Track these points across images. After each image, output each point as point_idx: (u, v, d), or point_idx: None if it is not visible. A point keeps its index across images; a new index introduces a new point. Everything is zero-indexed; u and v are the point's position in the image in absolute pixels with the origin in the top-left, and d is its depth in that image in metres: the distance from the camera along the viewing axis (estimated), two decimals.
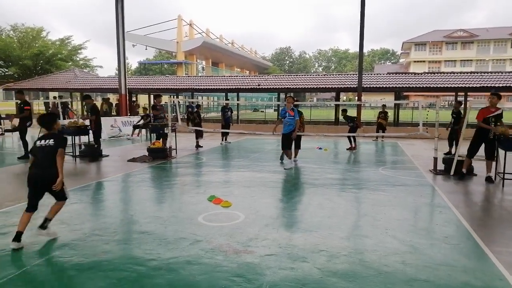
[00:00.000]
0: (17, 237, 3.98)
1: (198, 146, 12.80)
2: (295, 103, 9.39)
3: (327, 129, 18.02)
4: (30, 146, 9.95)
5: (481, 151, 7.66)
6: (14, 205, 5.58)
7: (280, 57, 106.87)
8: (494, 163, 7.59)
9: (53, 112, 4.91)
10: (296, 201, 6.13)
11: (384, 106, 17.22)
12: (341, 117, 13.49)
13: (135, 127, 16.32)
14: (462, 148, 8.21)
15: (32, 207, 4.12)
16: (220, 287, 3.19)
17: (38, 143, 4.16)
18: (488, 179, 7.49)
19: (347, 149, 12.79)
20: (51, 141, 4.12)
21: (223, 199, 5.89)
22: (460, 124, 9.31)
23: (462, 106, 14.38)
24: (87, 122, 10.73)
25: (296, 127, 8.82)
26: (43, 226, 4.22)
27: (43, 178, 4.07)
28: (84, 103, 11.20)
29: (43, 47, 35.57)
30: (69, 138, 10.02)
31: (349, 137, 12.84)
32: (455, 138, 10.59)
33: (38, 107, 27.90)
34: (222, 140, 14.55)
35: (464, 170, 7.80)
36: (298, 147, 9.84)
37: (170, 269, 3.50)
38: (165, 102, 13.66)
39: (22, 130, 9.99)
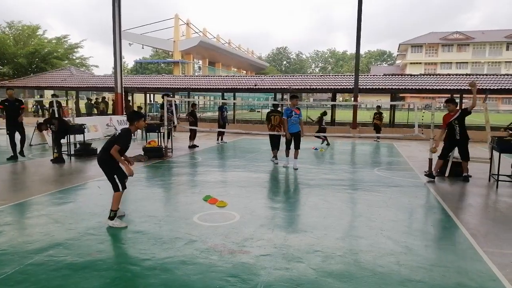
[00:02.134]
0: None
1: (193, 146, 12.78)
2: (275, 102, 10.56)
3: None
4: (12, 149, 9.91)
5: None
6: (5, 205, 5.54)
7: (277, 57, 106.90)
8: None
9: (139, 112, 5.29)
10: (292, 202, 6.14)
11: (378, 107, 17.08)
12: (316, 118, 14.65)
13: None
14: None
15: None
16: (214, 287, 3.18)
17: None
18: (464, 178, 7.73)
19: (323, 143, 14.00)
20: (117, 133, 4.68)
21: (219, 199, 5.88)
22: None
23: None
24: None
25: (302, 127, 8.99)
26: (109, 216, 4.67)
27: (97, 159, 4.66)
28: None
29: (39, 45, 35.23)
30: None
31: (319, 136, 13.87)
32: None
33: (32, 105, 27.70)
34: (218, 139, 14.54)
35: (434, 172, 7.82)
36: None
37: (165, 269, 3.49)
38: (175, 100, 13.69)
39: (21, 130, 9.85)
